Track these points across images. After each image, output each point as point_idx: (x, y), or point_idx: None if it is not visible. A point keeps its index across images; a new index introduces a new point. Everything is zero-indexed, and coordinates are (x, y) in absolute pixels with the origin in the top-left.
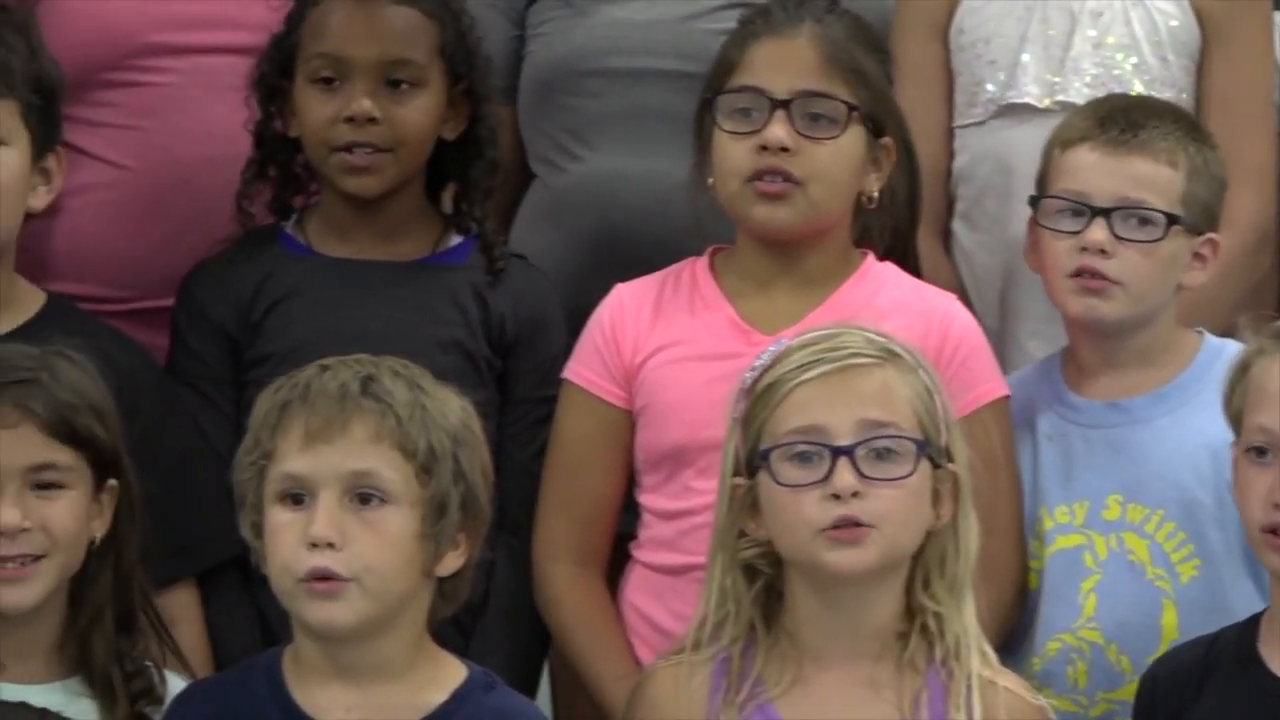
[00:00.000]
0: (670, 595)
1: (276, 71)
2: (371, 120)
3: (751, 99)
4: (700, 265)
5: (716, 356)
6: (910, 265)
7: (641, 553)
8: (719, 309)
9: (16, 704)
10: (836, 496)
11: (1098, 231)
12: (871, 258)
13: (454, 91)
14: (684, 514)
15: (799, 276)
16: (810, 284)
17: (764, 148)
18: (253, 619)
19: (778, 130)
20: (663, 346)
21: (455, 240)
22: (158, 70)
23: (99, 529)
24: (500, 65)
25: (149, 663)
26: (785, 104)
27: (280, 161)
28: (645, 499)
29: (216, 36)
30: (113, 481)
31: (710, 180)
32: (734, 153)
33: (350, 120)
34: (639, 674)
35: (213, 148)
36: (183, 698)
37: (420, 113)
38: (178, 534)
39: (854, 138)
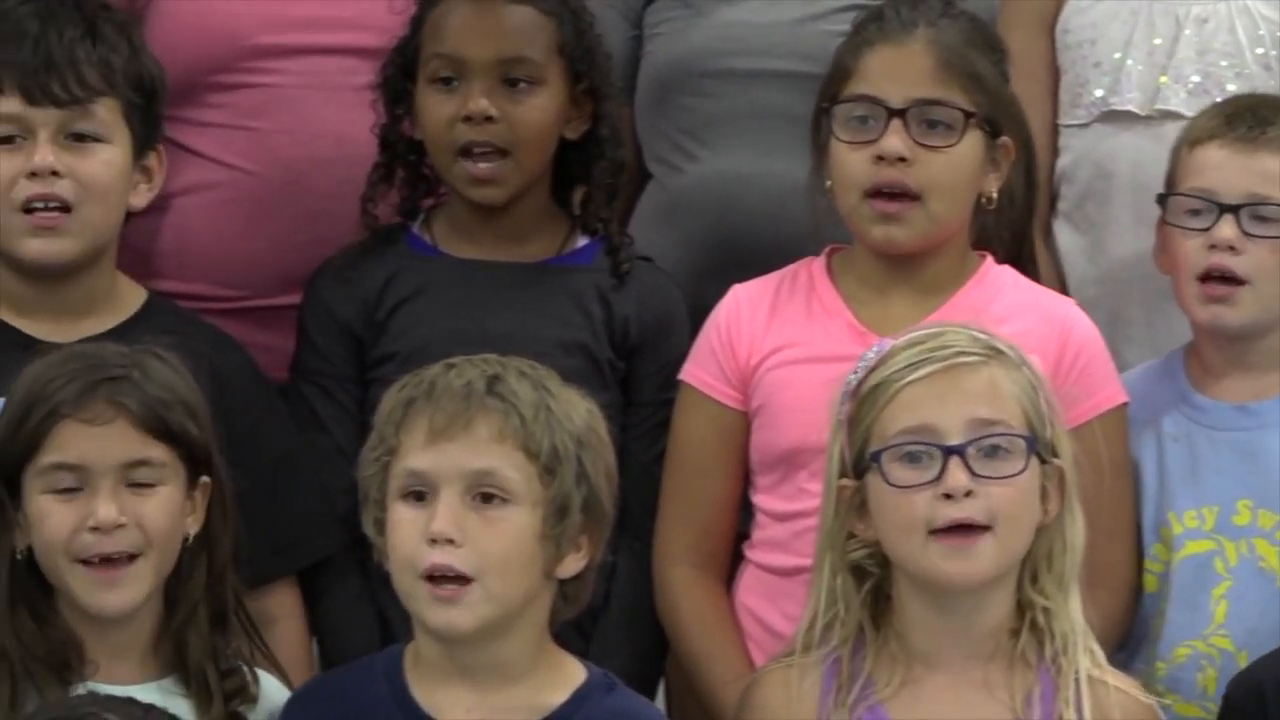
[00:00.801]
0: (782, 596)
1: (400, 74)
2: (489, 119)
3: (867, 108)
4: (818, 266)
5: (833, 359)
6: (1029, 268)
7: (754, 553)
8: (836, 313)
9: (124, 698)
10: (949, 496)
11: (1226, 229)
12: (990, 261)
13: (575, 91)
14: (796, 516)
15: (917, 283)
16: (928, 289)
17: (880, 158)
18: (372, 617)
19: (894, 141)
20: (779, 348)
21: (582, 241)
22: (267, 71)
23: (192, 526)
24: (618, 65)
25: (242, 662)
26: (901, 113)
27: (408, 164)
28: (759, 499)
29: (325, 37)
30: (205, 479)
31: (828, 184)
32: (851, 163)
33: (468, 119)
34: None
35: (321, 148)
36: (302, 695)
37: (538, 111)
38: (277, 532)
39: (971, 143)
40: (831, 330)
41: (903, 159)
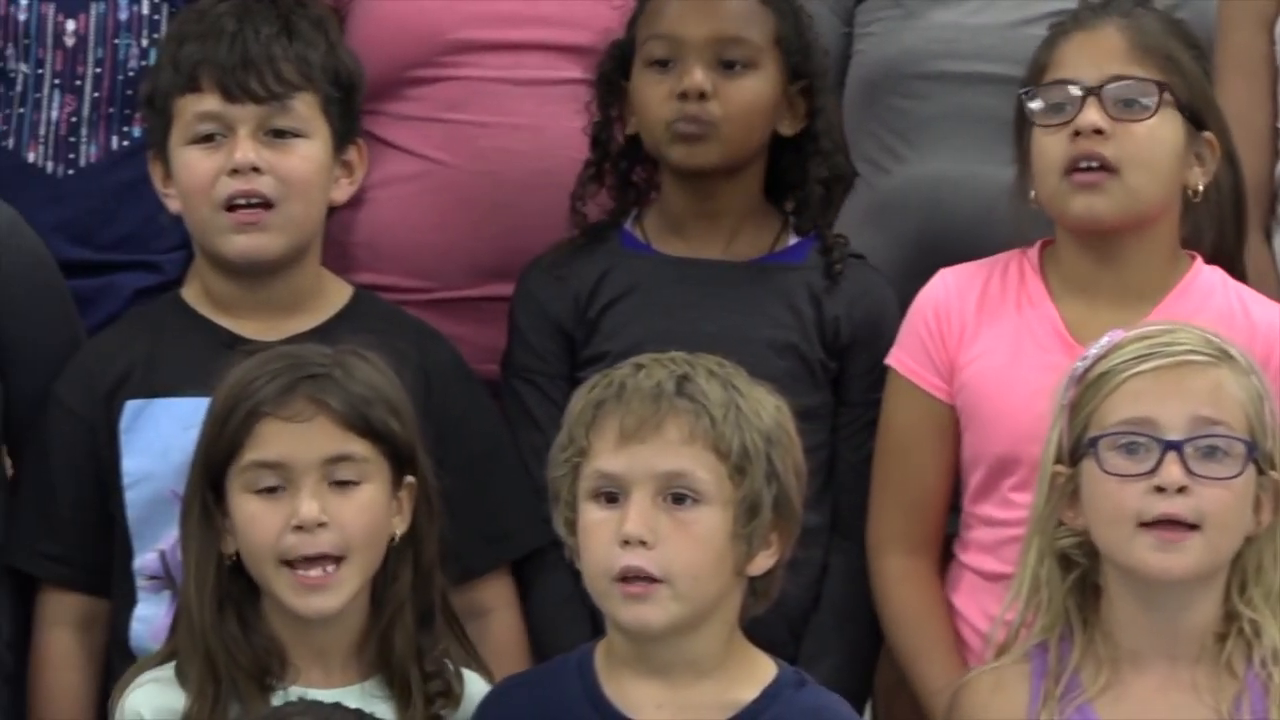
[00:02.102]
0: (989, 600)
1: (615, 69)
2: (703, 95)
3: (1062, 92)
4: (1029, 258)
5: (1041, 369)
6: (1238, 271)
7: (964, 554)
8: (1043, 308)
9: (333, 704)
10: (1161, 490)
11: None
12: (1199, 262)
13: (791, 88)
14: (1001, 524)
15: (1123, 283)
16: (1135, 292)
17: (1077, 134)
18: (584, 612)
19: (1090, 114)
20: (987, 351)
21: (793, 240)
22: (467, 66)
23: (398, 526)
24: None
25: (448, 661)
26: (1096, 90)
27: (618, 166)
28: (966, 500)
29: (525, 33)
30: (410, 479)
31: (1032, 194)
32: (1050, 147)
33: (683, 96)
34: (961, 674)
35: (516, 141)
36: (498, 692)
37: (751, 93)
38: (488, 524)
39: (1169, 122)
40: (1039, 334)
41: (1099, 131)
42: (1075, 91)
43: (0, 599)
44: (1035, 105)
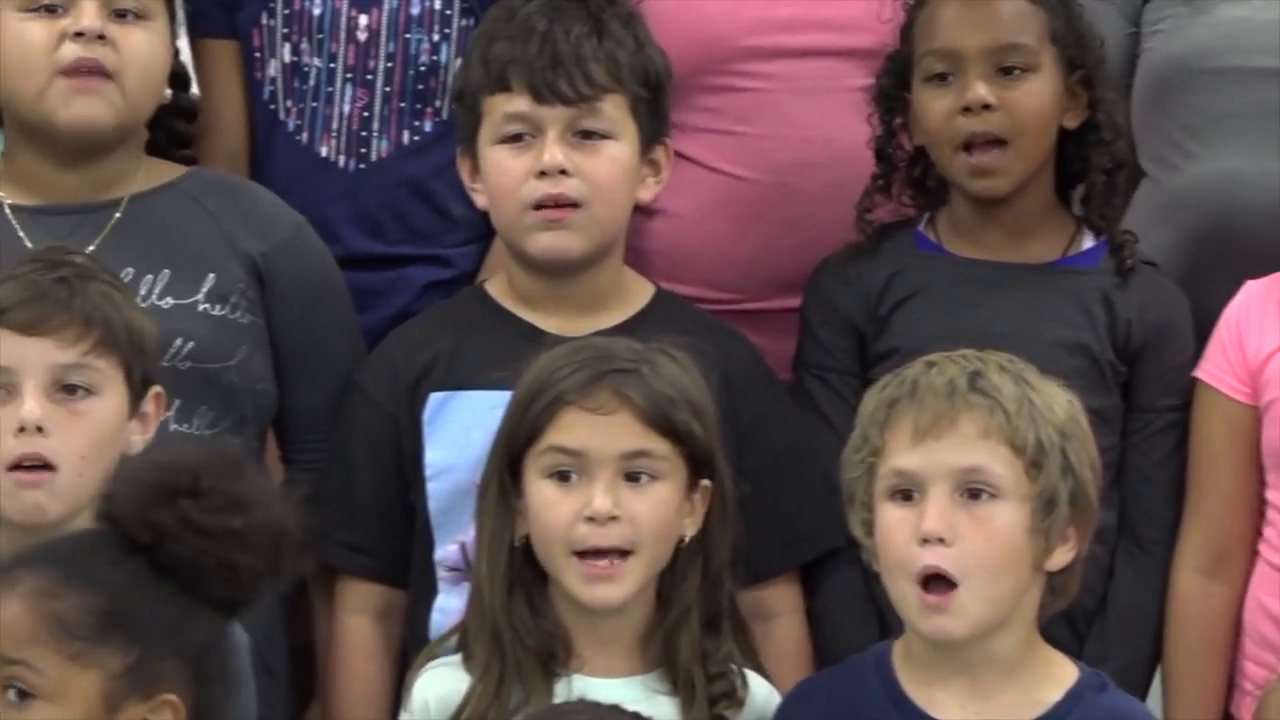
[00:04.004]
0: None
1: (895, 83)
2: (987, 107)
3: None
4: None
5: None
6: None
7: (1267, 550)
8: None
9: (610, 706)
10: None
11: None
12: None
13: (1070, 80)
14: None
15: None
16: None
17: None
18: (872, 614)
19: None
20: None
21: (1087, 244)
22: (754, 75)
23: (690, 528)
24: (1115, 62)
25: (733, 665)
26: None
27: (907, 175)
28: (1271, 495)
29: (807, 39)
30: (706, 482)
31: None
32: None
33: (967, 110)
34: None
35: (806, 152)
36: (798, 694)
37: (1035, 97)
38: (784, 527)
39: None
40: None
41: None
42: None
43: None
44: None
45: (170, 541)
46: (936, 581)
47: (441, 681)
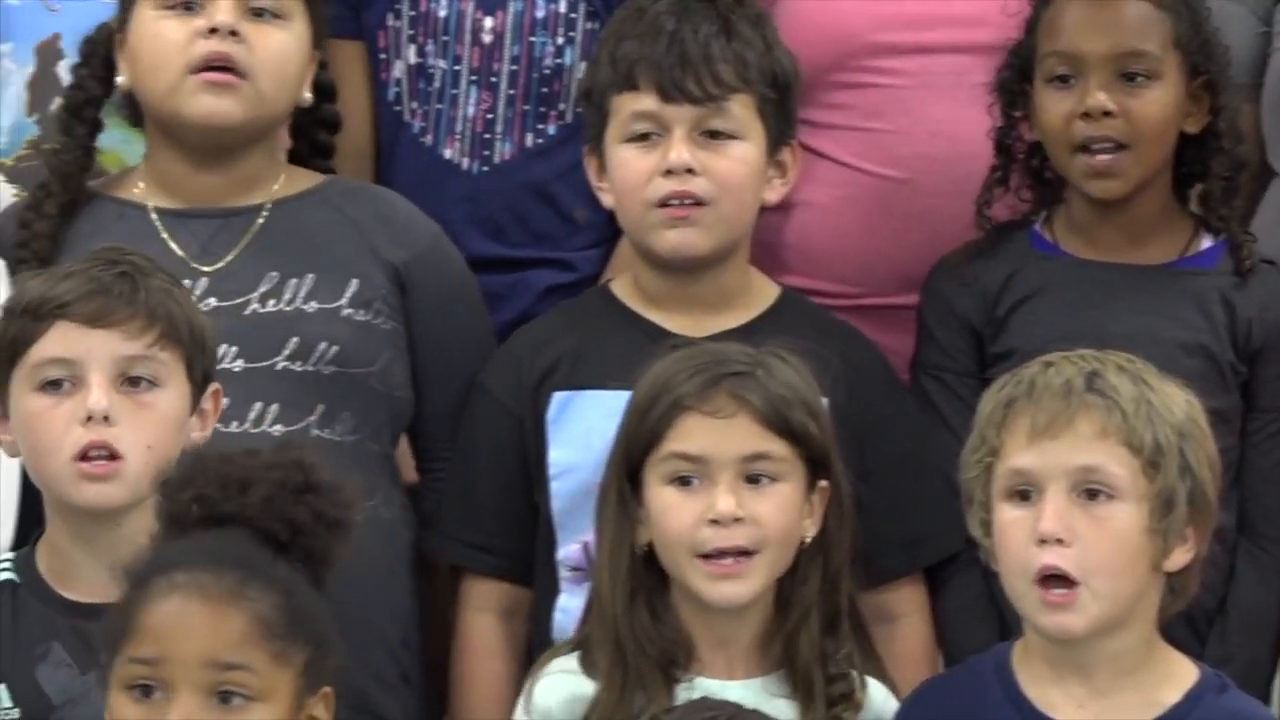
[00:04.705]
0: None
1: (1016, 76)
2: (1107, 114)
3: None
4: None
5: None
6: None
7: None
8: None
9: (752, 710)
10: None
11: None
12: None
13: (1192, 85)
14: None
15: None
16: None
17: None
18: (993, 615)
19: None
20: None
21: (1205, 244)
22: (884, 71)
23: (809, 529)
24: (1246, 61)
25: (852, 669)
26: None
27: (1026, 167)
28: None
29: (936, 35)
30: (824, 483)
31: None
32: None
33: (1086, 116)
34: None
35: (935, 148)
36: (919, 695)
37: (1157, 105)
38: (906, 528)
39: None
40: None
41: None
42: None
43: None
44: None
45: (304, 536)
46: (1056, 581)
47: (560, 687)
